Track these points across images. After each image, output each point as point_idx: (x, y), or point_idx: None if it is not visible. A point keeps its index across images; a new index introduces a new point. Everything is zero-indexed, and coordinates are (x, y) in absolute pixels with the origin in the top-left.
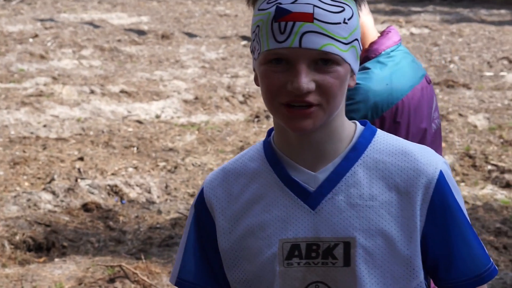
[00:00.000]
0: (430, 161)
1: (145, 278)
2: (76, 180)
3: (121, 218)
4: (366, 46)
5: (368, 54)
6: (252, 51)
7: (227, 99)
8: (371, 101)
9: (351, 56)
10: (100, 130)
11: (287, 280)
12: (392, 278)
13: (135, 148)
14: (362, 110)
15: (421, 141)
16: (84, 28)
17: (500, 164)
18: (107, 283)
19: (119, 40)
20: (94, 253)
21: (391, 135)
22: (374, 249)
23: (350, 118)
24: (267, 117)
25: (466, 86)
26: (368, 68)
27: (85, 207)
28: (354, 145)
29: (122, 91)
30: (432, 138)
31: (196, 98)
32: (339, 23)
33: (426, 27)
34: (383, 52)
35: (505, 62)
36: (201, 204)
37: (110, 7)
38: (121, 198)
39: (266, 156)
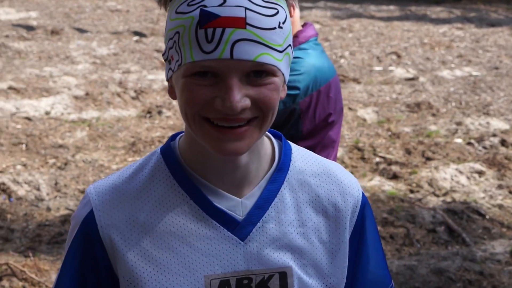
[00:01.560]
0: (352, 182)
1: (33, 275)
2: None
3: (8, 216)
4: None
5: (299, 39)
6: (168, 60)
7: (118, 95)
8: (313, 74)
9: (285, 65)
10: None
11: None
12: None
13: (24, 145)
14: (306, 81)
15: (340, 118)
16: None
17: (387, 156)
18: None
19: (6, 36)
20: None
21: (303, 149)
22: (307, 278)
23: (294, 88)
24: (159, 112)
25: (356, 80)
26: (306, 49)
27: None
28: (280, 165)
29: (10, 88)
30: (342, 118)
31: (87, 94)
32: (274, 28)
33: (317, 22)
34: (311, 39)
35: (394, 57)
36: (91, 232)
37: None
38: (9, 196)
39: (174, 176)
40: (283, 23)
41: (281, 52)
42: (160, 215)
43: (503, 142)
